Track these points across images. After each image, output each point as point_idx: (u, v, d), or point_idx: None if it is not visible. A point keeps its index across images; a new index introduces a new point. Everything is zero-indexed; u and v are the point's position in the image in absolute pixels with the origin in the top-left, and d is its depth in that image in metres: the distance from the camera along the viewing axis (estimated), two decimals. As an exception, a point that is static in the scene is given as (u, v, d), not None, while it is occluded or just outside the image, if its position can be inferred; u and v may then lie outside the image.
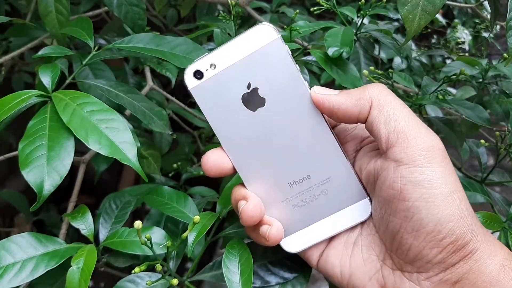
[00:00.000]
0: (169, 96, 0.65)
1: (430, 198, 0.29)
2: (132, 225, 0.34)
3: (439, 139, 0.31)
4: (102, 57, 0.48)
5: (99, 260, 0.41)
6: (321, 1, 0.55)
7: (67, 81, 0.46)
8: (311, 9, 0.57)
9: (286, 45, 0.33)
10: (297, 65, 0.33)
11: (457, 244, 0.29)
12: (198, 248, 0.42)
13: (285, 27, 0.52)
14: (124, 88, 0.47)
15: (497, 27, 0.90)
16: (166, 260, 0.37)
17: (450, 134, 0.56)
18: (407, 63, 0.81)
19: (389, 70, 0.54)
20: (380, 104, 0.31)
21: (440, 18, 1.04)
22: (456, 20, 1.09)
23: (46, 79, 0.41)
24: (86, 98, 0.38)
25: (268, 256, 0.38)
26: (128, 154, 0.36)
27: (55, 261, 0.36)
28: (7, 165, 1.08)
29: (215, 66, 0.33)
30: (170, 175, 0.74)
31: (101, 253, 0.42)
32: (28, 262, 0.36)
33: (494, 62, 0.70)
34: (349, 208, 0.34)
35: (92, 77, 0.57)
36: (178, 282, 0.35)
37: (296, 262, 0.37)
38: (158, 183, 0.65)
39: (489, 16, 0.50)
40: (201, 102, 0.33)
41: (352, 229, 0.34)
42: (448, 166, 0.30)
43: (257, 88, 0.33)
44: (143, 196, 0.47)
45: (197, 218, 0.34)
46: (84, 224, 0.41)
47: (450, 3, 0.73)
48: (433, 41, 1.15)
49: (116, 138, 0.36)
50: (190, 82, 0.33)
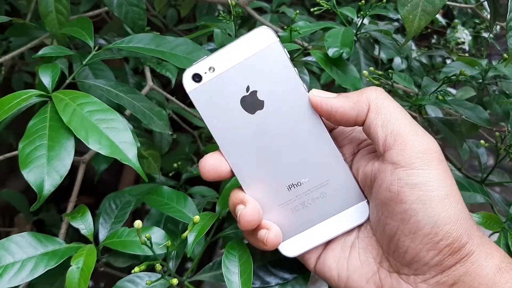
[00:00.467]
0: (169, 96, 0.65)
1: (427, 200, 0.29)
2: (132, 225, 0.34)
3: (435, 142, 0.31)
4: (102, 57, 0.48)
5: (98, 260, 0.41)
6: (321, 1, 0.55)
7: (67, 81, 0.46)
8: (311, 9, 0.57)
9: (284, 48, 0.33)
10: (295, 68, 0.33)
11: (453, 246, 0.29)
12: (198, 248, 0.42)
13: (285, 28, 0.52)
14: (124, 88, 0.47)
15: (497, 27, 0.90)
16: (165, 260, 0.37)
17: (450, 134, 0.56)
18: (407, 64, 0.81)
19: (389, 71, 0.54)
20: (377, 107, 0.32)
21: (440, 18, 1.04)
22: (456, 20, 1.09)
23: (46, 79, 0.41)
24: (86, 98, 0.38)
25: (268, 257, 0.38)
26: (128, 154, 0.36)
27: (54, 261, 0.36)
28: (7, 165, 1.08)
29: (214, 69, 0.33)
30: (170, 175, 0.74)
31: (101, 253, 0.42)
32: (28, 262, 0.36)
33: (494, 63, 0.70)
34: (347, 211, 0.34)
35: (92, 77, 0.57)
36: (178, 282, 0.35)
37: (296, 263, 0.37)
38: (158, 183, 0.65)
39: (489, 16, 0.50)
40: (200, 105, 0.33)
41: (349, 232, 0.34)
42: (445, 169, 0.30)
43: (256, 91, 0.33)
44: (143, 196, 0.47)
45: (197, 218, 0.34)
46: (84, 224, 0.41)
47: (450, 3, 0.73)
48: (433, 41, 1.15)
49: (116, 138, 0.36)
50: (188, 85, 0.33)
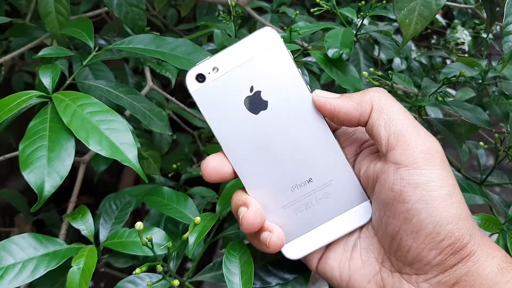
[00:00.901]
0: (169, 96, 0.65)
1: (430, 200, 0.29)
2: (132, 226, 0.34)
3: (438, 143, 0.31)
4: (102, 58, 0.48)
5: (99, 261, 0.41)
6: (321, 1, 0.55)
7: (67, 82, 0.46)
8: (311, 9, 0.57)
9: (288, 49, 0.33)
10: (299, 69, 0.33)
11: (455, 246, 0.29)
12: (198, 249, 0.42)
13: (285, 28, 0.52)
14: (124, 89, 0.47)
15: (497, 27, 0.90)
16: (166, 261, 0.37)
17: (450, 135, 0.56)
18: (406, 64, 0.81)
19: (389, 72, 0.54)
20: (380, 108, 0.32)
21: (440, 18, 1.04)
22: (456, 21, 1.09)
23: (47, 79, 0.41)
24: (87, 99, 0.38)
25: (268, 257, 0.38)
26: (128, 155, 0.36)
27: (55, 262, 0.36)
28: (7, 165, 1.08)
29: (217, 69, 0.33)
30: (169, 175, 0.74)
31: (102, 253, 0.42)
32: (29, 263, 0.36)
33: (494, 63, 0.70)
34: (351, 211, 0.34)
35: (92, 77, 0.57)
36: (179, 282, 0.35)
37: (296, 263, 0.37)
38: (158, 183, 0.65)
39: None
40: (203, 105, 0.33)
41: (351, 232, 0.34)
42: (447, 168, 0.30)
43: (260, 92, 0.33)
44: (143, 196, 0.47)
45: (198, 219, 0.34)
46: (85, 225, 0.41)
47: (450, 4, 0.74)
48: (433, 41, 1.15)
49: (117, 139, 0.36)
50: (192, 85, 0.33)
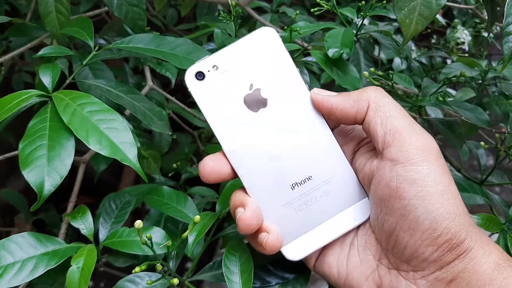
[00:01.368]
0: (168, 96, 0.64)
1: (426, 196, 0.29)
2: (131, 225, 0.34)
3: (433, 140, 0.32)
4: (102, 57, 0.48)
5: (98, 260, 0.40)
6: (321, 1, 0.55)
7: (67, 81, 0.46)
8: (311, 9, 0.57)
9: (286, 48, 0.33)
10: (297, 68, 0.33)
11: (452, 242, 0.29)
12: (198, 248, 0.42)
13: (285, 28, 0.52)
14: (124, 88, 0.47)
15: (497, 27, 0.90)
16: (166, 260, 0.37)
17: (450, 135, 0.56)
18: (407, 64, 0.81)
19: (390, 71, 0.54)
20: (377, 105, 0.32)
21: (440, 18, 1.03)
22: (456, 20, 1.09)
23: (47, 79, 0.41)
24: (87, 98, 0.38)
25: (268, 257, 0.38)
26: (128, 155, 0.36)
27: (55, 261, 0.36)
28: (7, 165, 1.08)
29: (217, 67, 0.33)
30: (169, 175, 0.74)
31: (101, 253, 0.42)
32: (28, 262, 0.36)
33: (494, 63, 0.70)
34: (350, 209, 0.34)
35: (92, 77, 0.57)
36: (178, 281, 0.35)
37: (296, 263, 0.37)
38: (158, 183, 0.65)
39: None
40: (202, 103, 0.33)
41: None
42: (443, 165, 0.31)
43: (259, 89, 0.33)
44: (143, 196, 0.47)
45: (197, 218, 0.34)
46: (84, 224, 0.41)
47: (450, 4, 0.73)
48: (433, 41, 1.15)
49: (117, 139, 0.36)
50: (191, 83, 0.33)
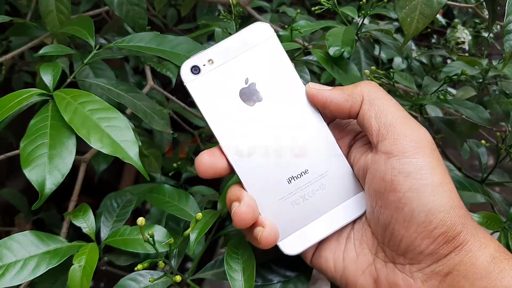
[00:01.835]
0: (169, 95, 0.64)
1: (421, 188, 0.29)
2: (133, 224, 0.34)
3: (428, 133, 0.32)
4: (103, 56, 0.48)
5: (100, 259, 0.40)
6: (322, 0, 0.55)
7: (68, 80, 0.46)
8: (312, 8, 0.57)
9: (281, 43, 0.34)
10: (295, 65, 0.34)
11: (448, 235, 0.29)
12: (199, 247, 0.42)
13: (286, 27, 0.52)
14: (125, 87, 0.47)
15: (498, 26, 0.90)
16: (168, 258, 0.37)
17: (451, 134, 0.56)
18: (407, 63, 0.81)
19: (391, 70, 0.54)
20: (371, 99, 0.32)
21: (440, 18, 1.04)
22: (456, 20, 1.09)
23: (48, 77, 0.41)
24: (88, 96, 0.38)
25: (270, 254, 0.38)
26: (130, 153, 0.36)
27: (56, 260, 0.36)
28: (7, 165, 1.08)
29: (212, 62, 0.33)
30: (170, 174, 0.74)
31: (103, 251, 0.42)
32: (30, 261, 0.36)
33: (494, 62, 0.70)
34: (347, 203, 0.34)
35: (92, 76, 0.57)
36: (181, 278, 0.35)
37: (298, 260, 0.37)
38: (159, 182, 0.65)
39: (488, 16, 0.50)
40: (198, 97, 0.33)
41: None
42: (437, 157, 0.31)
43: (255, 83, 0.33)
44: (144, 194, 0.47)
45: (199, 215, 0.34)
46: (86, 223, 0.41)
47: (450, 3, 0.73)
48: (433, 41, 1.15)
49: (118, 137, 0.36)
50: (186, 77, 0.33)
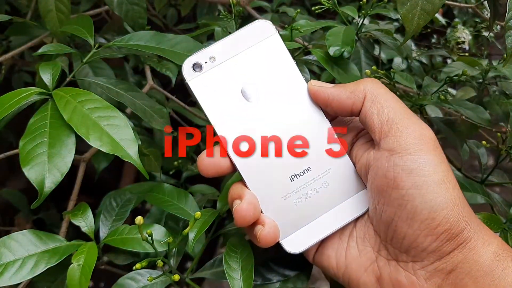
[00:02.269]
0: (169, 95, 0.64)
1: (424, 185, 0.29)
2: (132, 223, 0.34)
3: (430, 130, 0.32)
4: (102, 55, 0.47)
5: (99, 258, 0.40)
6: (322, 0, 0.55)
7: (68, 79, 0.46)
8: (313, 8, 0.57)
9: (283, 40, 0.33)
10: (296, 63, 0.34)
11: (451, 232, 0.29)
12: (199, 246, 0.42)
13: (286, 26, 0.52)
14: (124, 86, 0.47)
15: (498, 26, 0.90)
16: (167, 257, 0.37)
17: (451, 134, 0.56)
18: (407, 63, 0.81)
19: (391, 70, 0.54)
20: (373, 96, 0.32)
21: (440, 17, 1.03)
22: (456, 20, 1.09)
23: (47, 76, 0.41)
24: (87, 95, 0.38)
25: (269, 253, 0.38)
26: (129, 151, 0.36)
27: (55, 259, 0.36)
28: (6, 164, 1.08)
29: (214, 59, 0.33)
30: (170, 173, 0.74)
31: (102, 250, 0.42)
32: (29, 260, 0.36)
33: (495, 62, 0.70)
34: (350, 200, 0.34)
35: (92, 75, 0.57)
36: (179, 278, 0.35)
37: (297, 260, 0.37)
38: (158, 181, 0.65)
39: (489, 15, 0.50)
40: (200, 95, 0.33)
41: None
42: (440, 154, 0.31)
43: (257, 81, 0.33)
44: (144, 194, 0.47)
45: (198, 214, 0.34)
46: (85, 222, 0.41)
47: (450, 3, 0.73)
48: (433, 41, 1.15)
49: (117, 135, 0.36)
50: (188, 74, 0.33)
